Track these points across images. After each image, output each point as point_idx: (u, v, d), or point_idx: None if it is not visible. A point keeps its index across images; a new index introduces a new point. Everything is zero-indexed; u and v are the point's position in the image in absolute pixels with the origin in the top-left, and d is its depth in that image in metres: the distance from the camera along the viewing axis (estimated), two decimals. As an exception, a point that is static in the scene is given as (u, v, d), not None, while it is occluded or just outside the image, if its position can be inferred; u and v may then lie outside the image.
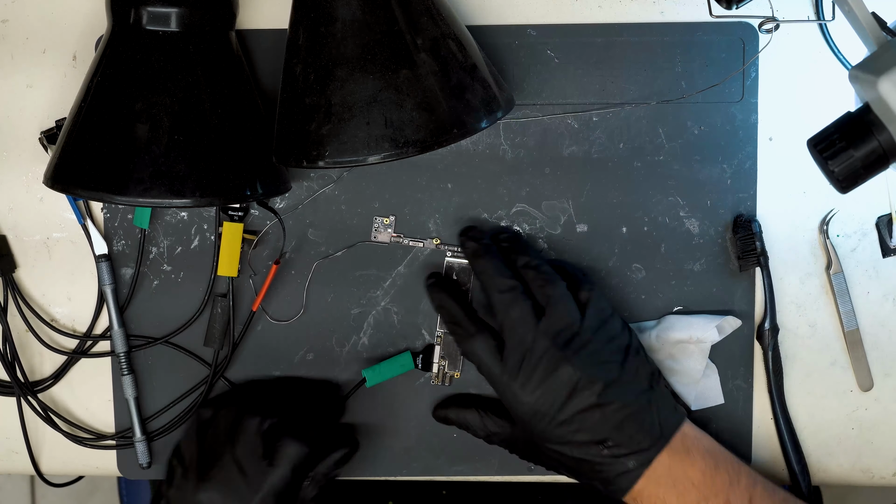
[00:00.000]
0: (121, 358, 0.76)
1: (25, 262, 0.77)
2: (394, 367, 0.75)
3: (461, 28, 0.66)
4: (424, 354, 0.76)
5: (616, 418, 0.66)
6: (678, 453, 0.67)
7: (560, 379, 0.66)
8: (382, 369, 0.75)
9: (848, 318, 0.76)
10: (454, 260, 0.75)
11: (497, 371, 0.68)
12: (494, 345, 0.68)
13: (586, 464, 0.67)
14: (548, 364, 0.66)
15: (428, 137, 0.61)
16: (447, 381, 0.76)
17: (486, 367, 0.69)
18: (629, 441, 0.66)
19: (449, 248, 0.75)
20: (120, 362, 0.76)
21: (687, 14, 0.73)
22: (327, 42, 0.62)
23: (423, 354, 0.76)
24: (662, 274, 0.75)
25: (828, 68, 0.74)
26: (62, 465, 0.80)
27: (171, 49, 0.65)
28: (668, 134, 0.74)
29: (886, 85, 0.51)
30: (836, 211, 0.75)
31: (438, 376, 0.76)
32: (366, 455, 0.77)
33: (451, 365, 0.76)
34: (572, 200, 0.75)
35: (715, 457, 0.68)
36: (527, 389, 0.66)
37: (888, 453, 0.78)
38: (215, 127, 0.66)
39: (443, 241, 0.75)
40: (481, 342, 0.69)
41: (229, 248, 0.73)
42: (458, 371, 0.76)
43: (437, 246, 0.75)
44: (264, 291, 0.74)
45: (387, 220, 0.75)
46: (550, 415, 0.66)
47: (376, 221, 0.75)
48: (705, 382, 0.75)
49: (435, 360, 0.76)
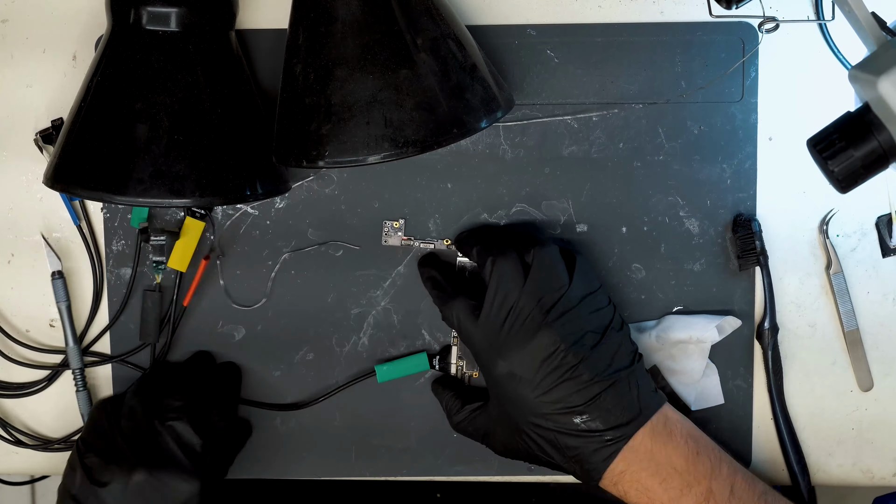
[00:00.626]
0: (76, 374, 0.76)
1: (25, 261, 0.77)
2: (408, 366, 0.75)
3: (461, 28, 0.66)
4: (441, 355, 0.76)
5: (593, 391, 0.64)
6: (660, 434, 0.66)
7: (540, 343, 0.65)
8: (396, 367, 0.75)
9: (848, 318, 0.76)
10: (465, 259, 0.75)
11: (476, 332, 0.67)
12: (473, 304, 0.68)
13: (562, 438, 0.65)
14: (529, 326, 0.65)
15: (428, 137, 0.61)
16: (467, 381, 0.76)
17: (466, 329, 0.68)
18: (606, 415, 0.65)
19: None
20: (75, 379, 0.76)
21: (687, 14, 0.73)
22: (327, 42, 0.62)
23: (439, 355, 0.76)
24: (662, 274, 0.75)
25: (828, 68, 0.74)
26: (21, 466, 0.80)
27: (171, 49, 0.65)
28: (668, 134, 0.74)
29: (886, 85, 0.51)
30: (836, 211, 0.75)
31: (457, 376, 0.76)
32: (366, 455, 0.77)
33: (470, 364, 0.76)
34: (572, 200, 0.75)
35: (697, 441, 0.67)
36: (505, 352, 0.65)
37: (888, 453, 0.78)
38: (215, 127, 0.66)
39: (444, 234, 0.75)
40: (460, 302, 0.68)
41: (185, 243, 0.74)
42: (477, 371, 0.76)
43: (447, 247, 0.75)
44: (194, 287, 0.74)
45: (396, 224, 0.75)
46: (527, 379, 0.65)
47: (386, 225, 0.75)
48: (705, 382, 0.75)
49: (452, 361, 0.76)
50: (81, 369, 0.76)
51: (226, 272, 0.76)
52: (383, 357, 0.76)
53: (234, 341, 0.76)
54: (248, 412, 0.77)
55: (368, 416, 0.77)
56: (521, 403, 0.66)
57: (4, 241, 0.77)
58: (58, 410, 0.78)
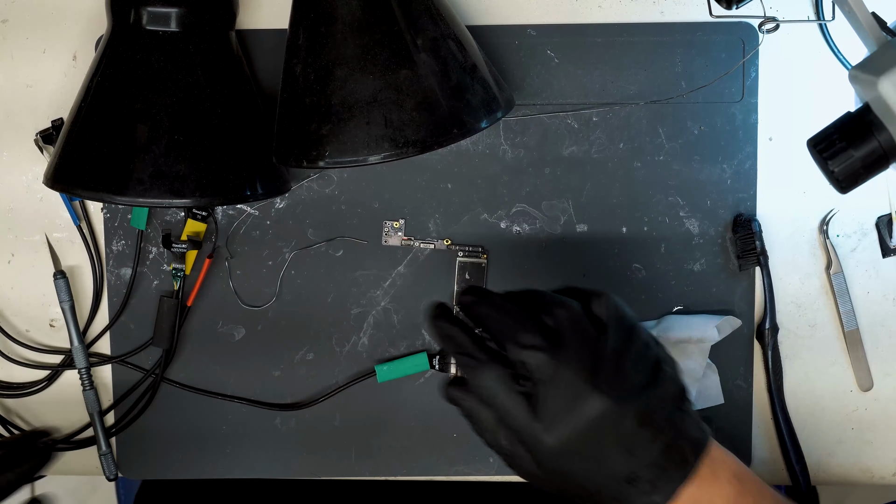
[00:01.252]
0: (81, 374, 0.76)
1: (25, 261, 0.77)
2: (408, 366, 0.75)
3: (461, 28, 0.66)
4: (441, 355, 0.76)
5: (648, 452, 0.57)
6: (705, 480, 0.59)
7: (587, 413, 0.56)
8: (396, 367, 0.75)
9: (848, 318, 0.76)
10: (466, 259, 0.75)
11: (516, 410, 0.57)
12: (510, 374, 0.57)
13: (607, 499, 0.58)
14: (573, 397, 0.57)
15: (428, 137, 0.61)
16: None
17: (503, 405, 0.57)
18: (658, 476, 0.57)
19: (461, 248, 0.75)
20: (81, 378, 0.76)
21: (687, 14, 0.73)
22: (327, 42, 0.62)
23: (439, 355, 0.76)
24: (662, 274, 0.75)
25: (828, 68, 0.74)
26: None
27: (171, 49, 0.65)
28: (668, 134, 0.74)
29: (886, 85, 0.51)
30: (836, 211, 0.75)
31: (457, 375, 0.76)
32: (366, 455, 0.77)
33: None
34: (572, 200, 0.75)
35: (741, 480, 0.60)
36: (551, 431, 0.57)
37: (888, 453, 0.78)
38: (215, 127, 0.66)
39: (454, 241, 0.75)
40: (494, 372, 0.57)
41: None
42: None
43: (448, 247, 0.75)
44: (197, 287, 0.74)
45: (396, 224, 0.75)
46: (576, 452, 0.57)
47: (386, 225, 0.75)
48: (705, 382, 0.75)
49: (452, 361, 0.76)
50: (87, 368, 0.76)
51: (227, 273, 0.76)
52: (383, 357, 0.76)
53: (235, 341, 0.76)
54: (248, 412, 0.77)
55: (368, 416, 0.77)
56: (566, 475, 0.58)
57: (4, 241, 0.77)
58: (59, 410, 0.78)
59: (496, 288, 0.69)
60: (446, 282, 0.76)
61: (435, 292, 0.76)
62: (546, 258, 0.75)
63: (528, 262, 0.75)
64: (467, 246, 0.75)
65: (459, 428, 0.77)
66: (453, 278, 0.76)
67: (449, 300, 0.76)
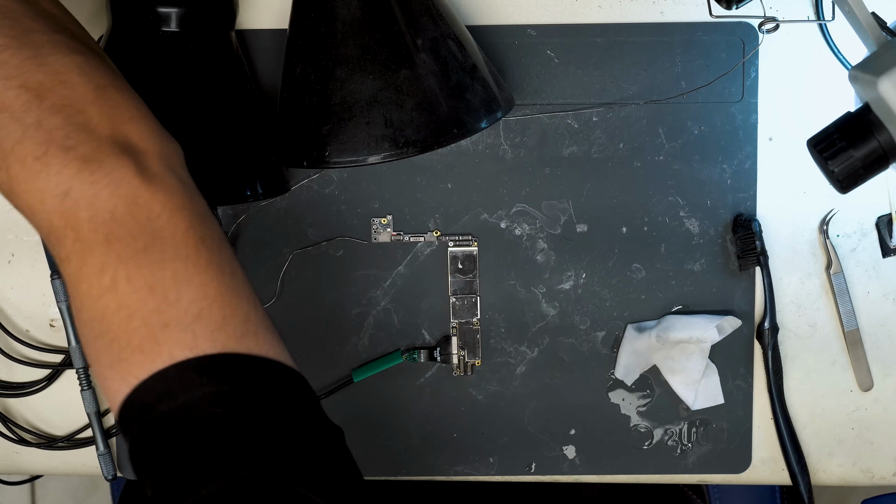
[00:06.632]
0: (80, 374, 0.76)
1: (25, 261, 0.77)
2: (380, 363, 0.76)
3: (461, 28, 0.66)
4: (441, 346, 0.76)
5: None
6: None
7: None
8: (370, 367, 0.76)
9: (848, 318, 0.76)
10: (458, 249, 0.75)
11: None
12: None
13: None
14: None
15: (428, 137, 0.61)
16: (469, 371, 0.76)
17: None
18: None
19: (450, 238, 0.75)
20: (79, 378, 0.76)
21: (687, 14, 0.73)
22: (327, 42, 0.62)
23: (439, 347, 0.76)
24: (662, 274, 0.75)
25: (828, 68, 0.74)
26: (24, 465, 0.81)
27: (171, 49, 0.65)
28: (668, 134, 0.74)
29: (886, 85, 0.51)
30: (836, 211, 0.75)
31: (459, 367, 0.76)
32: (366, 455, 0.77)
33: (471, 353, 0.76)
34: (572, 200, 0.75)
35: None
36: None
37: (888, 453, 0.78)
38: (215, 127, 0.66)
39: (442, 232, 0.75)
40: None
41: None
42: (479, 359, 0.76)
43: (437, 238, 0.75)
44: None
45: (384, 220, 0.75)
46: None
47: (374, 223, 0.75)
48: (705, 382, 0.75)
49: (454, 352, 0.76)
50: (85, 368, 0.76)
51: (226, 272, 0.76)
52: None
53: (234, 341, 0.76)
54: (248, 412, 0.77)
55: (368, 416, 0.77)
56: None
57: (4, 241, 0.77)
58: (60, 409, 0.78)
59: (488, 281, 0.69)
60: (446, 281, 0.76)
61: (435, 292, 0.76)
62: (545, 258, 0.75)
63: (523, 260, 0.75)
64: (457, 235, 0.75)
65: (459, 428, 0.77)
66: (446, 271, 0.76)
67: (445, 296, 0.75)
